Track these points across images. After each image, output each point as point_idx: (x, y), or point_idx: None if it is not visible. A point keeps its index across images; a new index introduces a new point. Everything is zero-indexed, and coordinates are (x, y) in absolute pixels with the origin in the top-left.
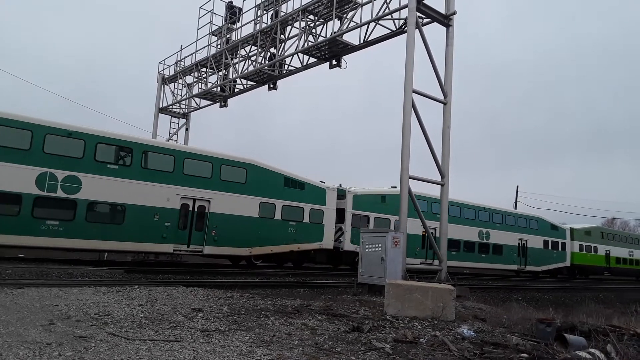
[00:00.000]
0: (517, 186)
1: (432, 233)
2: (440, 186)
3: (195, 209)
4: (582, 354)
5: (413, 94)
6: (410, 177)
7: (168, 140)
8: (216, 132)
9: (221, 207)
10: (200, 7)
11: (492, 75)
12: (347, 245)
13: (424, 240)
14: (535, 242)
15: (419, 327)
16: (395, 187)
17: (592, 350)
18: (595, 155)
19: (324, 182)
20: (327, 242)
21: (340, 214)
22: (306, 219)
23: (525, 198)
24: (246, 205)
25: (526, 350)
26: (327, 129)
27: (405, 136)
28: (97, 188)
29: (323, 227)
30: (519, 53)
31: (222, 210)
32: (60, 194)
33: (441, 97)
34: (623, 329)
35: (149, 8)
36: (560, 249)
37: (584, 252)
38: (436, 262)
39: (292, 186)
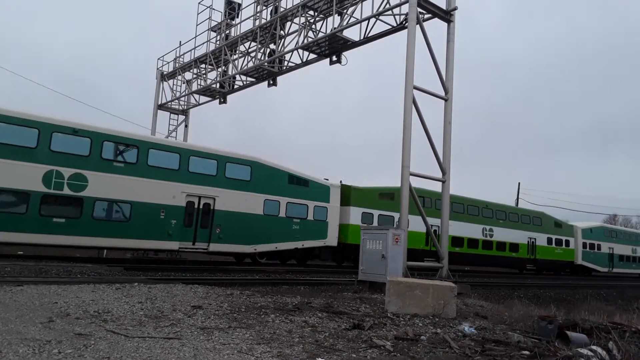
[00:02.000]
0: (519, 183)
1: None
2: (441, 183)
3: None
4: (584, 351)
5: (414, 90)
6: (411, 174)
7: (167, 137)
8: (216, 128)
9: None
10: (199, 3)
11: (494, 71)
12: None
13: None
14: (234, 201)
15: (420, 324)
16: None
17: (594, 347)
18: (597, 152)
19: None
20: None
21: None
22: None
23: (527, 195)
24: None
25: (528, 348)
26: (328, 124)
27: (406, 132)
28: None
29: None
30: (520, 49)
31: None
32: None
33: (442, 93)
34: (625, 326)
35: (148, 3)
36: (314, 218)
37: None
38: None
39: None
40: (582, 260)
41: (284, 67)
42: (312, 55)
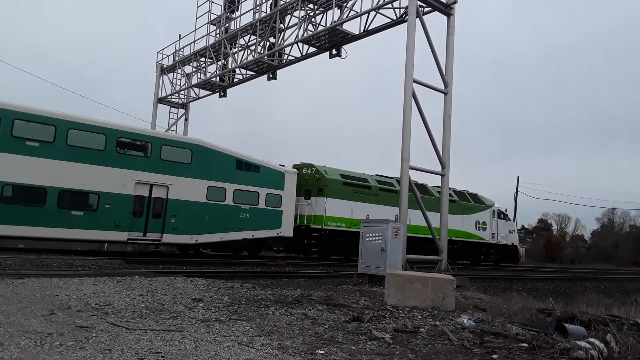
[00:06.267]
0: (518, 176)
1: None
2: (441, 176)
3: None
4: (582, 343)
5: (414, 83)
6: (411, 168)
7: (167, 131)
8: (216, 122)
9: None
10: None
11: (494, 65)
12: None
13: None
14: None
15: (419, 317)
16: None
17: (591, 339)
18: (596, 146)
19: None
20: None
21: None
22: None
23: (526, 189)
24: None
25: (526, 340)
26: (328, 118)
27: (405, 126)
28: None
29: None
30: (521, 43)
31: None
32: None
33: (442, 86)
34: (623, 318)
35: None
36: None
37: None
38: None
39: None
40: None
41: (284, 61)
42: (312, 49)
